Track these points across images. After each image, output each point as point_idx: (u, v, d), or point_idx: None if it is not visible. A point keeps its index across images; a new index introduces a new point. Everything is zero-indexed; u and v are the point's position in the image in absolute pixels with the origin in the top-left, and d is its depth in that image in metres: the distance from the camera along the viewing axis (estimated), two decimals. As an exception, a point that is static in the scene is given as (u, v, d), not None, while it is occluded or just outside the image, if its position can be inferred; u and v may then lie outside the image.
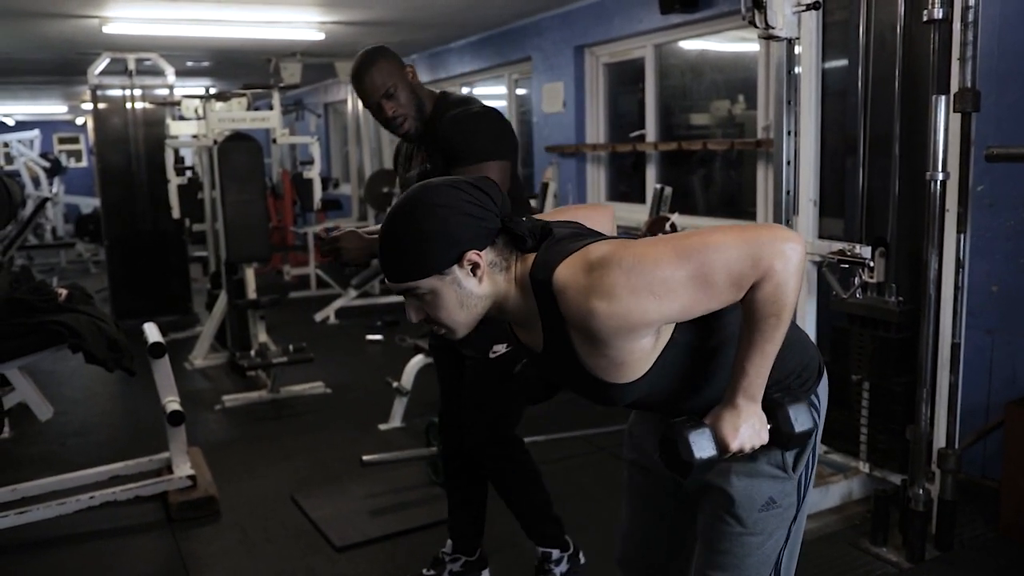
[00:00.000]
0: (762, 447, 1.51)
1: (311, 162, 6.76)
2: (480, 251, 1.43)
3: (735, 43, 5.29)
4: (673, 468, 1.46)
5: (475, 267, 1.43)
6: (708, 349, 1.50)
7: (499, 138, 2.50)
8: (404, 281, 1.44)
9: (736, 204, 5.43)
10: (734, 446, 1.44)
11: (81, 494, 3.47)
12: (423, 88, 2.58)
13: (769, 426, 1.48)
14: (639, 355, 1.43)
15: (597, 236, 1.50)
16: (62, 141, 17.28)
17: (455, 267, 1.42)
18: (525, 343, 1.58)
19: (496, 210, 1.45)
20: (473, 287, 1.44)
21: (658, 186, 5.12)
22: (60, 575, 3.16)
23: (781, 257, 1.35)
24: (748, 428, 1.45)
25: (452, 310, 1.46)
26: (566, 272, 1.39)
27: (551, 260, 1.42)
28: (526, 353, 1.62)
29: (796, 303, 1.41)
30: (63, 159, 14.16)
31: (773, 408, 1.48)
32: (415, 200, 1.44)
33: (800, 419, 1.48)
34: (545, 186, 6.49)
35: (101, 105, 7.23)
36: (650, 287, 1.34)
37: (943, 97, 2.80)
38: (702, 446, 1.43)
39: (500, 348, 2.56)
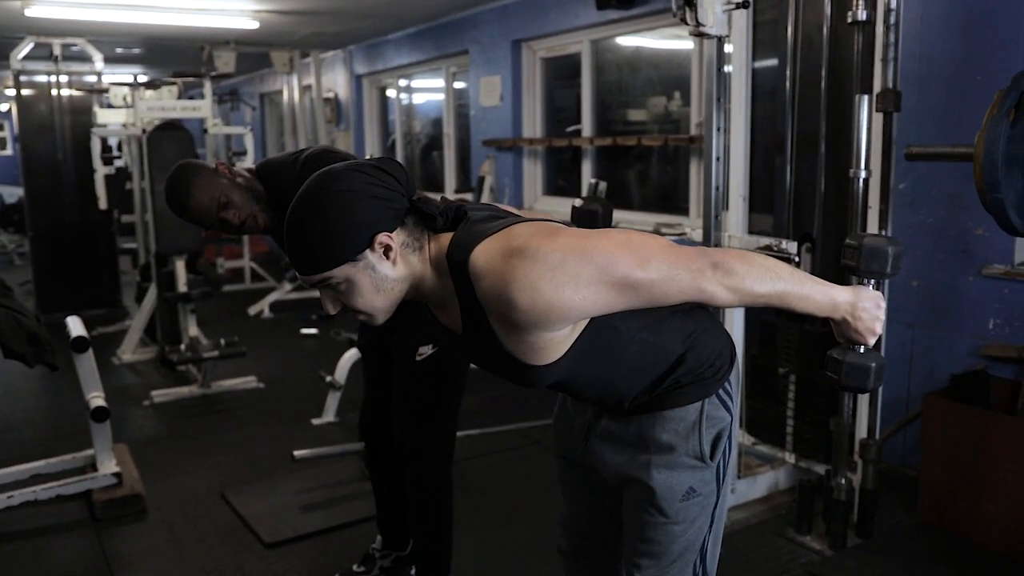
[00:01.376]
0: (680, 439, 1.57)
1: (244, 153, 6.65)
2: (391, 233, 1.41)
3: (670, 40, 5.35)
4: (860, 389, 1.61)
5: (387, 249, 1.41)
6: (625, 335, 1.51)
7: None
8: (317, 273, 1.41)
9: (671, 199, 5.49)
10: (871, 338, 1.54)
11: (-1, 493, 3.37)
12: (244, 175, 2.42)
13: (868, 282, 1.57)
14: (557, 340, 1.44)
15: (516, 218, 1.49)
16: (-16, 128, 16.66)
17: (367, 252, 1.40)
18: (444, 324, 1.57)
19: (402, 190, 1.43)
20: (387, 270, 1.43)
21: (593, 180, 5.14)
22: (-23, 577, 3.07)
23: (710, 282, 1.41)
24: (862, 320, 1.52)
25: (369, 296, 1.43)
26: (484, 255, 1.38)
27: (469, 241, 1.41)
28: (445, 335, 1.60)
29: (761, 271, 1.45)
30: (-14, 147, 13.69)
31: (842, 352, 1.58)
32: (317, 188, 1.41)
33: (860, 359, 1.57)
34: (482, 180, 6.49)
35: (25, 91, 7.00)
36: (574, 285, 1.34)
37: (866, 97, 2.87)
38: (863, 373, 1.56)
39: (426, 350, 2.54)
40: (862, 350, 1.56)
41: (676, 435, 1.57)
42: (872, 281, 1.59)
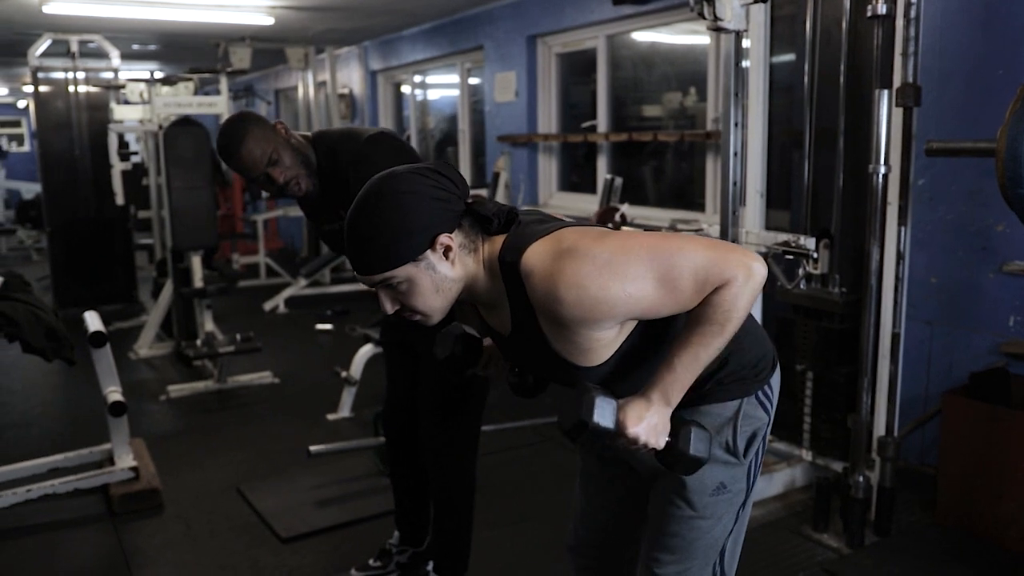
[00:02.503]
0: (715, 433, 1.57)
1: (260, 149, 6.64)
2: (450, 234, 1.44)
3: (686, 35, 5.32)
4: (566, 423, 1.45)
5: (447, 250, 1.44)
6: (672, 339, 1.52)
7: (398, 161, 2.42)
8: (379, 272, 1.43)
9: (686, 195, 5.47)
10: (631, 431, 1.44)
11: (18, 487, 3.39)
12: (298, 139, 2.40)
13: (668, 440, 1.48)
14: (603, 343, 1.47)
15: (565, 222, 1.53)
16: (3, 125, 16.74)
17: (428, 252, 1.43)
18: (493, 327, 1.60)
19: (459, 193, 1.47)
20: (447, 271, 1.46)
21: (608, 176, 5.14)
22: (-4, 570, 3.09)
23: (745, 270, 1.40)
24: (649, 424, 1.45)
25: (428, 296, 1.47)
26: (535, 255, 1.42)
27: (520, 243, 1.45)
28: (494, 337, 1.63)
29: (741, 321, 1.44)
30: (4, 143, 13.79)
31: (680, 425, 1.49)
32: (380, 191, 1.44)
33: (698, 446, 1.47)
34: (496, 176, 6.48)
35: (43, 88, 7.05)
36: (620, 282, 1.38)
37: (886, 92, 2.85)
38: (604, 414, 1.43)
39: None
40: (612, 404, 1.46)
41: (712, 428, 1.58)
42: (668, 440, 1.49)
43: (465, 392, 2.58)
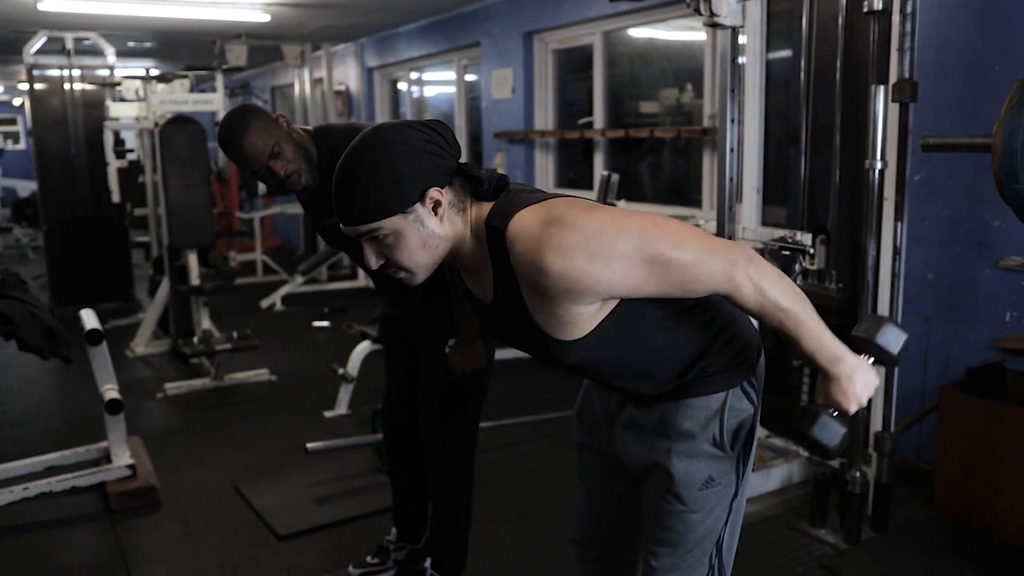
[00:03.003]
0: (700, 427, 1.57)
1: (256, 146, 6.63)
2: (441, 189, 1.42)
3: (683, 32, 5.32)
4: (820, 455, 1.59)
5: (437, 205, 1.42)
6: (653, 321, 1.52)
7: None
8: (367, 222, 1.41)
9: (683, 192, 5.47)
10: (854, 407, 1.50)
11: (15, 485, 3.39)
12: (300, 133, 2.38)
13: (870, 359, 1.56)
14: (584, 317, 1.45)
15: (555, 193, 1.51)
16: (-1, 122, 16.75)
17: (417, 205, 1.41)
18: (475, 294, 1.58)
19: (451, 150, 1.45)
20: (435, 226, 1.44)
21: (605, 173, 5.13)
22: (-7, 568, 3.09)
23: (737, 270, 1.40)
24: (855, 385, 1.49)
25: (415, 251, 1.44)
26: (522, 222, 1.40)
27: (508, 209, 1.43)
28: (475, 305, 1.62)
29: (791, 289, 1.45)
30: (0, 141, 13.74)
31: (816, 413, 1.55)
32: (371, 141, 1.42)
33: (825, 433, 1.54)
34: (494, 171, 6.47)
35: (38, 85, 7.03)
36: (607, 257, 1.36)
37: (882, 87, 2.85)
38: (832, 431, 1.52)
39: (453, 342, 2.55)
40: (836, 414, 1.54)
41: (697, 423, 1.58)
42: (871, 359, 1.57)
43: (465, 390, 2.58)
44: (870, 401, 3.00)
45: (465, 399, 2.59)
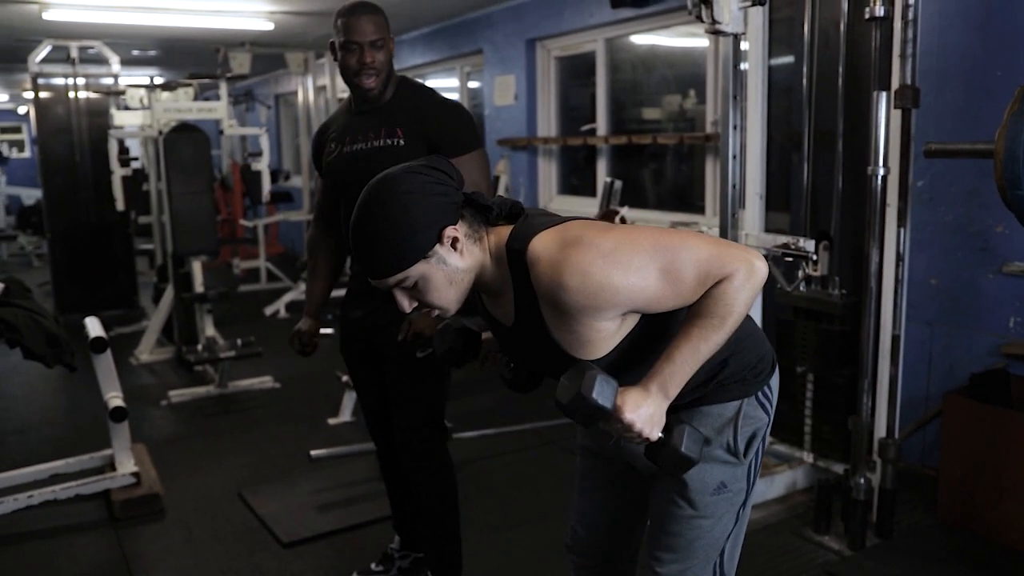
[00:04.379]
0: (715, 433, 1.58)
1: (260, 154, 6.67)
2: (455, 225, 1.46)
3: (685, 38, 5.33)
4: (564, 397, 1.43)
5: (455, 241, 1.47)
6: (671, 337, 1.52)
7: (476, 129, 2.55)
8: (393, 274, 1.46)
9: (686, 198, 5.48)
10: (627, 417, 1.43)
11: (19, 493, 3.39)
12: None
13: (661, 435, 1.48)
14: (604, 335, 1.48)
15: (571, 216, 1.55)
16: (3, 131, 16.78)
17: (436, 247, 1.45)
18: (496, 317, 1.61)
19: (455, 184, 1.49)
20: (457, 262, 1.48)
21: (608, 179, 5.14)
22: (-3, 576, 3.09)
23: (747, 266, 1.42)
24: (647, 413, 1.45)
25: (443, 290, 1.49)
26: (541, 244, 1.45)
27: (527, 232, 1.48)
28: (496, 329, 1.65)
29: (741, 317, 1.45)
30: (4, 149, 13.82)
31: (675, 423, 1.49)
32: (379, 194, 1.46)
33: (690, 446, 1.47)
34: (497, 179, 6.48)
35: (43, 94, 7.06)
36: (624, 271, 1.40)
37: (884, 94, 2.85)
38: (603, 392, 1.42)
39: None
40: (613, 386, 1.45)
41: (712, 429, 1.60)
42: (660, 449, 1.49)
43: (439, 394, 2.58)
44: (874, 407, 3.03)
45: (440, 402, 2.59)
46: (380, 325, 2.52)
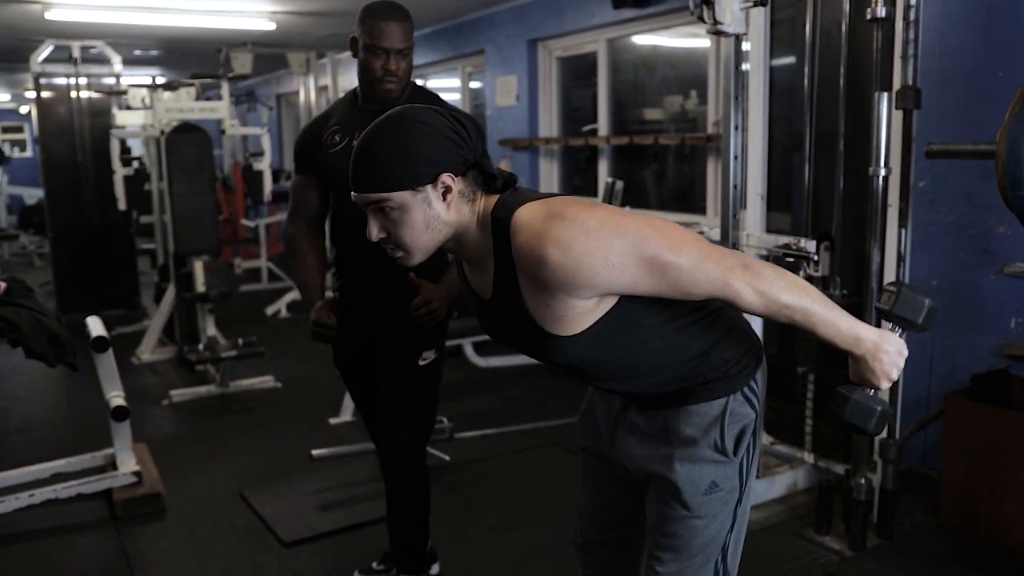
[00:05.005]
0: (702, 432, 1.58)
1: (261, 154, 6.68)
2: (455, 176, 1.46)
3: (687, 39, 5.33)
4: (860, 434, 1.59)
5: (447, 190, 1.47)
6: (650, 324, 1.53)
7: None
8: (377, 191, 1.46)
9: (687, 198, 5.48)
10: (885, 383, 1.52)
11: (21, 492, 3.40)
12: None
13: (896, 329, 1.56)
14: (579, 312, 1.47)
15: (563, 195, 1.55)
16: (6, 130, 16.79)
17: (428, 186, 1.45)
18: (475, 289, 1.61)
19: (472, 143, 1.50)
20: (441, 210, 1.48)
21: (610, 180, 5.14)
22: (-1, 575, 3.10)
23: (733, 276, 1.43)
24: (880, 362, 1.50)
25: (417, 230, 1.48)
26: (526, 214, 1.45)
27: (514, 202, 1.48)
28: (474, 302, 1.64)
29: (792, 283, 1.47)
30: (7, 149, 13.81)
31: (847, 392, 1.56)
32: (400, 116, 1.48)
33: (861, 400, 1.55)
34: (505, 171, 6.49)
35: (45, 94, 7.06)
36: (605, 253, 1.39)
37: (885, 94, 2.85)
38: (863, 414, 1.54)
39: (430, 355, 2.53)
40: (871, 392, 1.55)
41: (698, 428, 1.59)
42: (899, 330, 1.57)
43: (436, 399, 2.60)
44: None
45: (436, 407, 2.60)
46: (380, 335, 2.52)
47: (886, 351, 1.51)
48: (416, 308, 2.40)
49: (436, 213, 1.47)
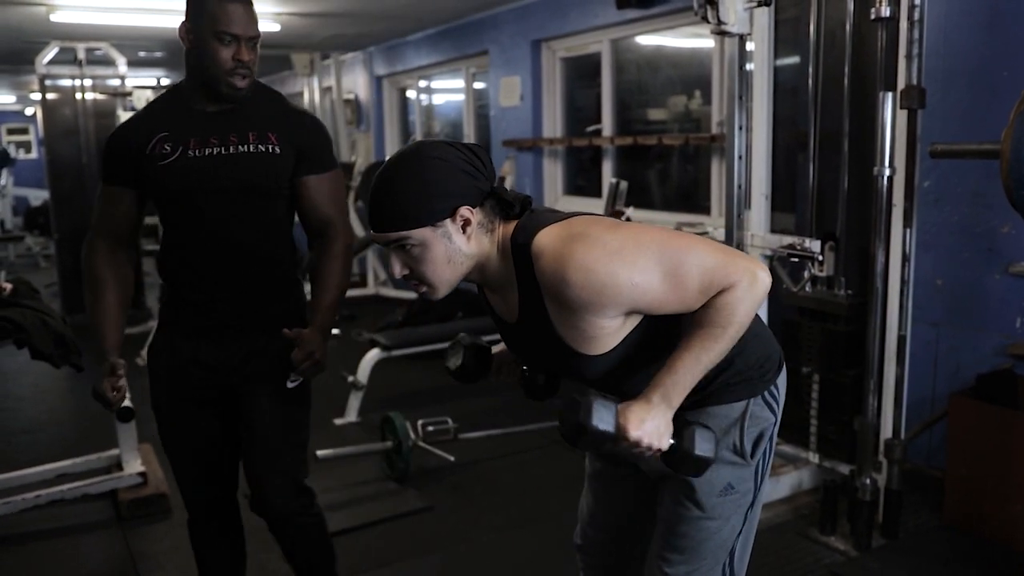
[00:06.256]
0: (722, 434, 1.58)
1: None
2: (472, 208, 1.46)
3: (691, 39, 5.33)
4: (565, 427, 1.44)
5: (466, 223, 1.46)
6: (677, 335, 1.52)
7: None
8: (397, 230, 1.45)
9: (691, 198, 5.48)
10: (632, 435, 1.42)
11: (27, 493, 3.40)
12: None
13: (672, 442, 1.47)
14: (607, 332, 1.47)
15: (578, 212, 1.55)
16: (11, 132, 16.85)
17: (447, 220, 1.45)
18: (500, 314, 1.61)
19: (487, 173, 1.49)
20: (462, 244, 1.47)
21: (614, 180, 5.14)
22: None
23: (750, 276, 1.43)
24: (652, 426, 1.43)
25: (439, 265, 1.48)
26: (546, 237, 1.45)
27: (533, 226, 1.48)
28: (500, 326, 1.64)
29: (743, 327, 1.45)
30: (12, 150, 13.83)
31: (684, 426, 1.48)
32: (414, 153, 1.47)
33: (704, 446, 1.46)
34: (502, 180, 6.49)
35: (50, 95, 7.07)
36: (629, 271, 1.40)
37: (890, 94, 2.85)
38: (602, 417, 1.42)
39: (298, 377, 2.17)
40: (611, 408, 1.46)
41: (718, 429, 1.59)
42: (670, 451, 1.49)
43: (308, 427, 2.32)
44: (880, 408, 3.02)
45: (308, 437, 2.31)
46: (234, 364, 2.18)
47: (656, 428, 1.44)
48: (299, 363, 2.09)
49: (457, 247, 1.47)
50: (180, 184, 2.09)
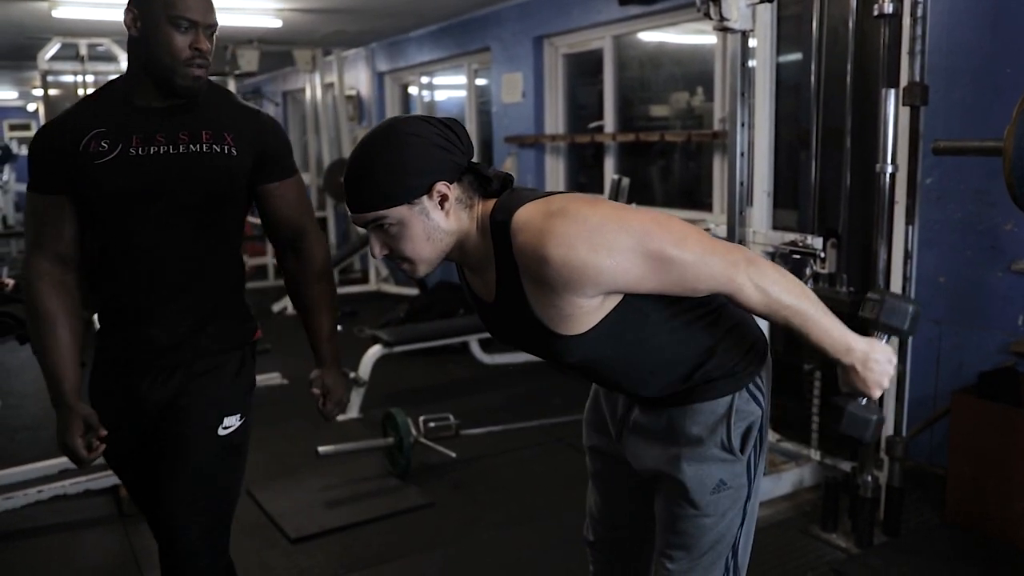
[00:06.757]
0: (708, 432, 1.58)
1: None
2: (449, 183, 1.44)
3: (693, 35, 5.32)
4: (859, 434, 1.59)
5: (444, 199, 1.44)
6: (656, 320, 1.52)
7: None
8: (374, 210, 1.43)
9: (693, 195, 5.47)
10: (876, 392, 1.53)
11: (29, 488, 3.41)
12: None
13: (883, 337, 1.59)
14: (586, 310, 1.45)
15: (561, 192, 1.54)
16: (13, 128, 16.84)
17: (424, 197, 1.43)
18: (478, 293, 1.60)
19: (463, 147, 1.47)
20: (440, 220, 1.45)
21: (616, 176, 5.14)
22: (7, 572, 3.10)
23: (737, 271, 1.43)
24: (871, 372, 1.51)
25: (418, 242, 1.46)
26: (526, 214, 1.42)
27: (512, 203, 1.46)
28: (478, 306, 1.63)
29: (793, 285, 1.48)
30: (14, 146, 13.83)
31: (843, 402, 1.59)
32: (387, 130, 1.45)
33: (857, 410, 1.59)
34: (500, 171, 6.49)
35: (52, 91, 7.09)
36: (609, 249, 1.38)
37: (893, 91, 2.85)
38: (858, 425, 1.57)
39: (233, 421, 1.95)
40: (864, 401, 1.57)
41: (705, 427, 1.58)
42: (885, 337, 1.59)
43: (240, 481, 2.07)
44: (882, 405, 3.02)
45: (238, 492, 2.05)
46: (167, 400, 1.95)
47: (876, 360, 1.52)
48: (329, 414, 2.06)
49: (435, 223, 1.45)
50: (120, 186, 1.83)
